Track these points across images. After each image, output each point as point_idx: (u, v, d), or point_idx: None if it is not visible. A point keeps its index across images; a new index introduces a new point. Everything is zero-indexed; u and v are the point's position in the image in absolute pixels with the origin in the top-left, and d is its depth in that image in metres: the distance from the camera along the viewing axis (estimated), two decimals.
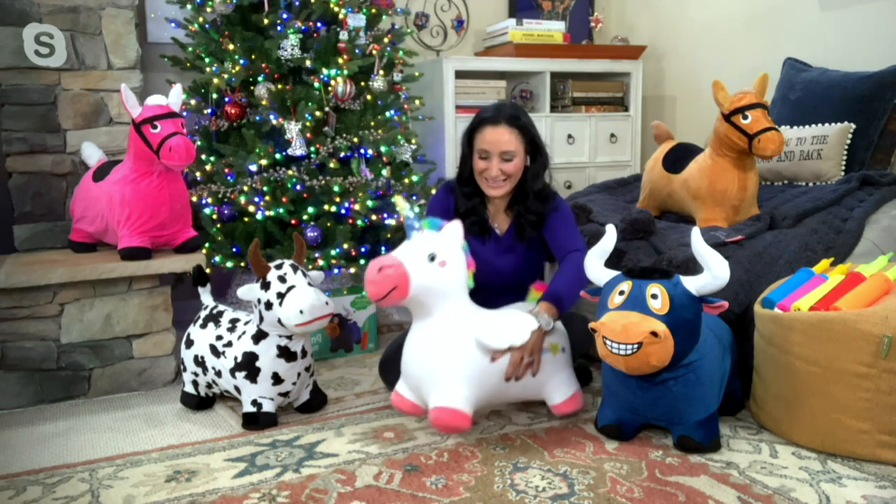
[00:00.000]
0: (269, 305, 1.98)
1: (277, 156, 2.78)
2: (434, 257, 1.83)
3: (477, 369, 1.87)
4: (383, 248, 2.96)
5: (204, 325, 2.19)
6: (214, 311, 2.22)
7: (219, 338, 2.13)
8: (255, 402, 2.06)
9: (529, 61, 3.67)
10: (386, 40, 3.02)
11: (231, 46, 2.81)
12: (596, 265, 1.93)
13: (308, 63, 2.80)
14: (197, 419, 2.18)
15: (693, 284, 1.78)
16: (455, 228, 1.94)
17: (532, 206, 2.17)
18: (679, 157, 2.71)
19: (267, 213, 2.74)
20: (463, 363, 1.85)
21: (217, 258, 2.79)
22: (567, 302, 2.04)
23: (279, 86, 2.83)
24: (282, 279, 2.00)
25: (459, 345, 1.86)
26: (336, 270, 2.83)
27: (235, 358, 2.07)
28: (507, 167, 2.11)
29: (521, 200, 2.20)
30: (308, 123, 2.75)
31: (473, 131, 2.16)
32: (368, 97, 2.93)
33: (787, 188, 2.80)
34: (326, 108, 2.81)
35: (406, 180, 2.99)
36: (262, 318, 2.02)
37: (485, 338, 1.87)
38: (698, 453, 1.85)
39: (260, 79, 2.82)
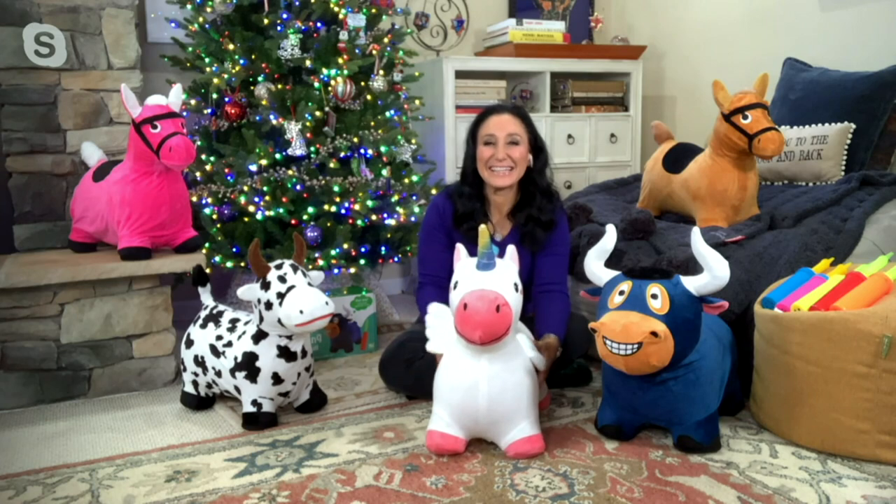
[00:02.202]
0: (269, 305, 1.98)
1: (277, 156, 2.77)
2: (518, 287, 1.80)
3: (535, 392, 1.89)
4: (383, 248, 2.96)
5: (204, 325, 2.19)
6: (214, 311, 2.22)
7: (219, 338, 2.12)
8: (255, 402, 2.06)
9: (529, 61, 3.67)
10: (386, 40, 3.02)
11: (231, 46, 2.81)
12: (596, 265, 1.93)
13: (308, 63, 2.80)
14: (197, 419, 2.18)
15: (693, 284, 1.78)
16: (515, 254, 1.90)
17: (542, 204, 2.19)
18: (679, 157, 2.71)
19: (267, 213, 2.74)
20: (535, 390, 1.87)
21: (217, 258, 2.79)
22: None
23: (279, 86, 2.83)
24: (282, 279, 2.00)
25: (530, 372, 1.86)
26: (336, 270, 2.83)
27: (235, 358, 2.06)
28: (514, 152, 2.12)
29: (527, 203, 2.20)
30: (308, 123, 2.75)
31: (477, 125, 2.18)
32: (368, 97, 2.93)
33: (787, 188, 2.80)
34: (326, 108, 2.81)
35: (406, 180, 2.99)
36: (262, 318, 2.02)
37: (536, 361, 1.90)
38: (698, 453, 1.85)
39: (260, 79, 2.82)
